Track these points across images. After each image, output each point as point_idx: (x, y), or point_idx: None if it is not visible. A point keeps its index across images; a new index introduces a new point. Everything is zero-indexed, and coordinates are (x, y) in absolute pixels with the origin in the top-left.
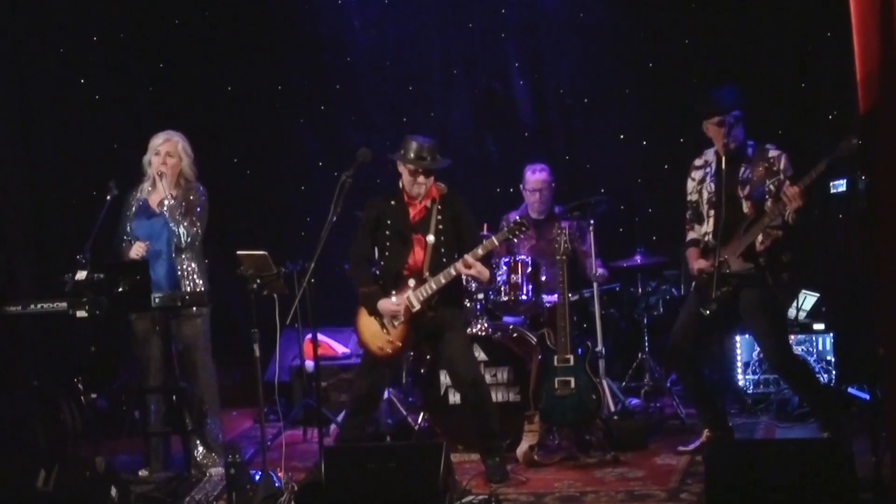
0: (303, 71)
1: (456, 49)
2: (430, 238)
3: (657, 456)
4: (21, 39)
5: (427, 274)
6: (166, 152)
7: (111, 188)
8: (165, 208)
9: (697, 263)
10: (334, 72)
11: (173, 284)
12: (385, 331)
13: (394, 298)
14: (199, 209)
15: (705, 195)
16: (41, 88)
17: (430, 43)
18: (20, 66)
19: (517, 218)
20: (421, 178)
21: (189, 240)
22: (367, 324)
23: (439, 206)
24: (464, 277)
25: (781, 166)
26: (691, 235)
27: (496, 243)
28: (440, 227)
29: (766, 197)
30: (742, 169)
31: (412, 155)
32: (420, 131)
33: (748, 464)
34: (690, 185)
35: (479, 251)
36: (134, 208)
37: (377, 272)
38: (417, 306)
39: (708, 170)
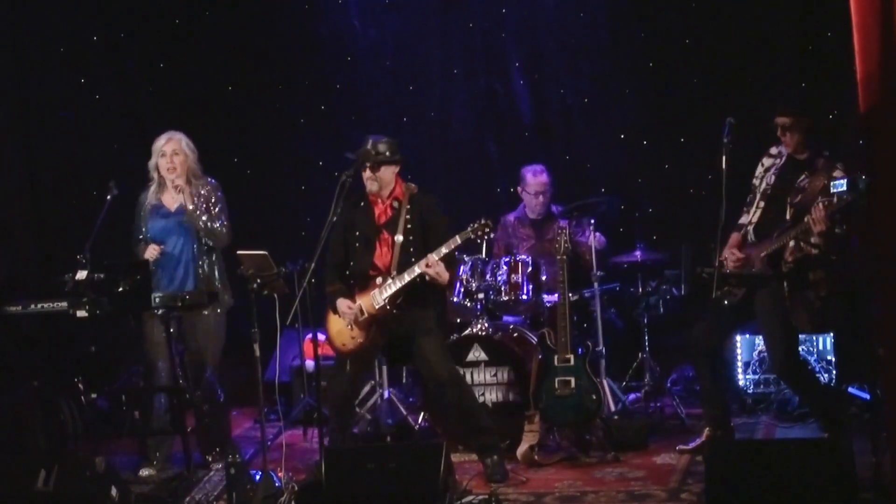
0: (303, 71)
1: (456, 49)
2: (399, 238)
3: (657, 456)
4: (21, 39)
5: (395, 273)
6: (172, 151)
7: (111, 188)
8: (186, 219)
9: (724, 253)
10: (334, 71)
11: (191, 284)
12: (350, 327)
13: (359, 299)
14: (221, 206)
15: (763, 186)
16: (41, 88)
17: (430, 43)
18: (20, 66)
19: (482, 220)
20: (367, 173)
21: (224, 238)
22: (334, 322)
23: (408, 206)
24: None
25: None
26: (743, 219)
27: (459, 242)
28: (409, 226)
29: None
30: (802, 176)
31: (361, 151)
32: (420, 131)
33: (748, 464)
34: (759, 169)
35: (443, 249)
36: (148, 210)
37: (348, 272)
38: (381, 303)
39: (777, 162)
